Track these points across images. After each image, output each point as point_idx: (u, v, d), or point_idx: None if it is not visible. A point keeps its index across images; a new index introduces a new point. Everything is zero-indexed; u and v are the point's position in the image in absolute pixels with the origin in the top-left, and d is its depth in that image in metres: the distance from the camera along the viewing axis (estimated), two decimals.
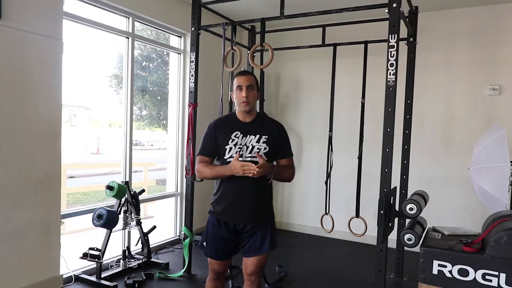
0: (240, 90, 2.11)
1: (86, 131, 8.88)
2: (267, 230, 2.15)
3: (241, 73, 2.17)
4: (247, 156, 2.08)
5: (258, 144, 2.09)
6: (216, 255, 2.20)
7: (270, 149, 2.10)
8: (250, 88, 2.11)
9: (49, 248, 3.04)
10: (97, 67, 4.73)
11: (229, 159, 2.08)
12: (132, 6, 3.74)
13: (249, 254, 2.16)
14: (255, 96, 2.14)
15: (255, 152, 2.08)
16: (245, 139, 2.10)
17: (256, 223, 2.13)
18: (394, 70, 2.53)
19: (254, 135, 2.11)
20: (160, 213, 4.85)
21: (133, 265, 3.54)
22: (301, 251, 4.37)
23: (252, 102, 2.12)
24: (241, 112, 2.16)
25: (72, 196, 7.43)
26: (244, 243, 2.17)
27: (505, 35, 3.99)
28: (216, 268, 2.24)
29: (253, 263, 2.15)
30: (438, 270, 1.97)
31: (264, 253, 2.14)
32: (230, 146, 2.10)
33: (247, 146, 2.09)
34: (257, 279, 2.20)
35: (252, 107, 2.14)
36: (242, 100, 2.10)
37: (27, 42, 2.80)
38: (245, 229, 2.13)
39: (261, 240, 2.13)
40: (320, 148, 4.47)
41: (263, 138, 2.10)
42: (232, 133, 2.11)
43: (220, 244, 2.18)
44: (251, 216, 2.12)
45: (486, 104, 4.09)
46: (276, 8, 3.25)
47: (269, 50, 3.29)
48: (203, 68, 3.66)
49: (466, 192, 4.06)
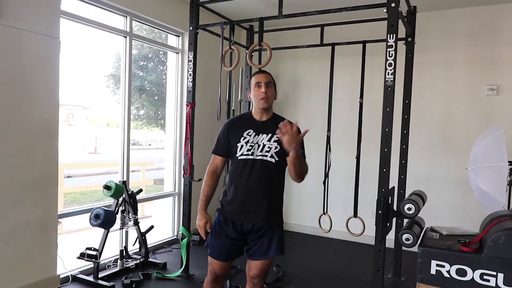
0: (259, 87, 2.08)
1: (83, 131, 8.85)
2: (274, 234, 2.08)
3: (259, 72, 2.16)
4: (258, 155, 2.05)
5: (269, 143, 2.06)
6: (219, 255, 2.14)
7: (281, 148, 2.02)
8: (269, 85, 2.09)
9: (46, 247, 3.02)
10: (95, 66, 4.71)
11: (241, 157, 2.06)
12: (130, 5, 3.72)
13: (255, 258, 2.10)
14: (273, 94, 2.12)
15: (265, 151, 2.04)
16: (257, 137, 2.08)
17: (264, 226, 2.06)
18: (392, 70, 2.53)
19: (266, 133, 2.08)
20: (158, 213, 4.84)
21: (131, 265, 3.53)
22: (299, 251, 4.37)
23: (270, 99, 2.10)
24: (258, 110, 2.13)
25: (69, 196, 7.41)
26: (250, 245, 2.10)
27: (503, 35, 4.00)
28: (216, 269, 2.17)
29: (256, 266, 2.10)
30: (436, 270, 1.98)
31: (270, 257, 2.08)
32: (241, 143, 2.08)
33: (258, 145, 2.06)
34: (260, 282, 2.14)
35: (270, 105, 2.11)
36: (261, 96, 2.07)
37: (24, 41, 2.79)
38: (253, 230, 2.07)
39: (268, 243, 2.07)
40: (318, 147, 4.46)
41: (274, 137, 2.05)
42: (245, 131, 2.10)
43: (225, 243, 2.11)
44: (260, 217, 2.05)
45: (484, 104, 4.10)
46: (274, 8, 3.25)
47: (267, 49, 3.28)
48: (201, 68, 3.65)
49: (464, 192, 4.06)
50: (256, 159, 2.04)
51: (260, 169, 2.04)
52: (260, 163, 2.04)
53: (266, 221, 2.06)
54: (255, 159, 2.04)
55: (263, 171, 2.04)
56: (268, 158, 2.04)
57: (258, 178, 2.03)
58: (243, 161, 2.06)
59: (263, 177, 2.03)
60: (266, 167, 2.05)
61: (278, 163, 2.06)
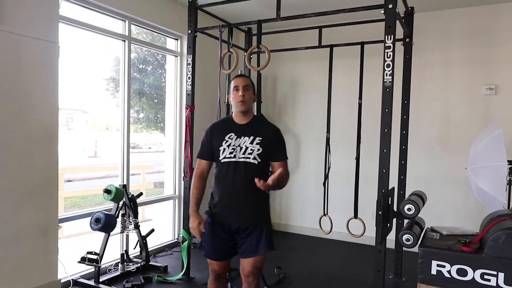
0: (237, 91, 2.17)
1: (83, 135, 8.85)
2: (262, 231, 2.17)
3: (238, 76, 2.26)
4: (241, 157, 2.12)
5: (251, 145, 2.13)
6: (214, 256, 2.23)
7: (263, 151, 2.13)
8: (246, 88, 2.18)
9: (46, 252, 3.02)
10: (94, 70, 4.71)
11: (224, 160, 2.15)
12: (129, 9, 3.73)
13: (245, 255, 2.18)
14: (251, 97, 2.20)
15: (248, 153, 2.12)
16: (239, 140, 2.15)
17: (250, 224, 2.15)
18: (390, 71, 2.54)
19: (248, 136, 2.15)
20: (158, 216, 4.84)
21: (132, 268, 3.52)
22: (300, 253, 4.37)
23: (248, 102, 2.18)
24: (238, 114, 2.21)
25: (70, 200, 7.40)
26: (240, 244, 2.19)
27: (501, 35, 4.01)
28: (216, 268, 2.27)
29: (249, 263, 2.17)
30: (436, 270, 1.98)
31: (260, 253, 2.16)
32: (223, 147, 2.16)
33: (240, 147, 2.14)
34: (255, 280, 2.21)
35: (248, 108, 2.19)
36: (239, 99, 2.15)
37: (24, 46, 2.79)
38: (240, 230, 2.16)
39: (257, 240, 2.15)
40: (318, 149, 4.47)
41: (257, 139, 2.14)
42: (227, 135, 2.18)
43: (217, 244, 2.21)
44: (245, 216, 2.15)
45: (482, 104, 4.10)
46: (272, 10, 3.25)
47: (265, 52, 3.29)
48: (200, 71, 3.66)
49: (463, 192, 4.06)
50: (239, 161, 2.12)
51: (243, 170, 2.12)
52: (243, 165, 2.12)
53: (252, 220, 2.16)
54: (238, 161, 2.12)
55: (246, 172, 2.11)
56: (251, 160, 2.12)
57: (242, 179, 2.11)
58: (226, 164, 2.15)
59: (247, 178, 2.09)
60: (249, 168, 2.12)
61: (261, 164, 2.14)
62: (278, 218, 5.26)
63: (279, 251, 4.38)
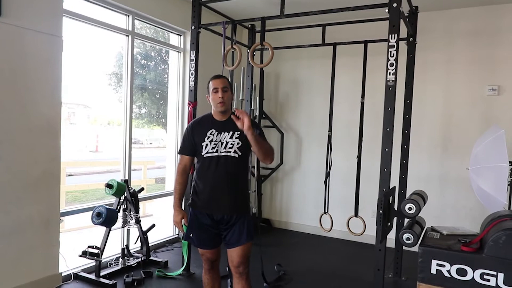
0: (216, 92, 2.27)
1: (85, 129, 8.86)
2: (244, 222, 2.27)
3: (215, 77, 2.35)
4: (222, 152, 2.24)
5: (231, 140, 2.25)
6: (203, 244, 2.35)
7: (242, 144, 2.25)
8: (225, 89, 2.28)
9: (48, 245, 3.04)
10: (97, 65, 4.72)
11: (206, 155, 2.26)
12: (132, 4, 3.73)
13: (231, 246, 2.28)
14: (229, 97, 2.32)
15: (229, 147, 2.24)
16: (220, 136, 2.27)
17: (232, 215, 2.25)
18: (394, 70, 2.54)
19: (227, 132, 2.27)
20: (159, 212, 4.85)
21: (132, 263, 3.54)
22: (300, 250, 4.38)
23: (227, 102, 2.30)
24: (217, 112, 2.32)
25: (71, 194, 7.42)
26: (224, 234, 2.30)
27: (505, 36, 4.00)
28: (209, 257, 2.38)
29: (237, 253, 2.26)
30: (436, 270, 1.98)
31: (244, 243, 2.26)
32: (206, 142, 2.27)
33: (221, 142, 2.26)
34: (245, 269, 2.31)
35: (227, 107, 2.30)
36: (218, 101, 2.27)
37: (27, 40, 2.80)
38: (223, 220, 2.26)
39: (239, 231, 2.26)
40: (320, 147, 4.47)
41: (235, 134, 2.25)
42: (208, 131, 2.29)
43: (206, 233, 2.31)
44: (228, 207, 2.25)
45: (485, 105, 4.10)
46: (276, 7, 3.25)
47: (269, 49, 3.29)
48: (203, 67, 3.66)
49: (464, 192, 4.06)
50: (221, 155, 2.24)
51: (224, 164, 2.24)
52: (224, 158, 2.24)
53: (234, 211, 2.26)
54: (220, 156, 2.24)
55: (227, 166, 2.24)
56: (232, 154, 2.24)
57: (224, 172, 2.23)
58: (208, 158, 2.26)
59: (228, 171, 2.23)
60: (230, 162, 2.24)
61: (241, 157, 2.27)
62: (279, 216, 5.28)
63: (279, 248, 4.40)
